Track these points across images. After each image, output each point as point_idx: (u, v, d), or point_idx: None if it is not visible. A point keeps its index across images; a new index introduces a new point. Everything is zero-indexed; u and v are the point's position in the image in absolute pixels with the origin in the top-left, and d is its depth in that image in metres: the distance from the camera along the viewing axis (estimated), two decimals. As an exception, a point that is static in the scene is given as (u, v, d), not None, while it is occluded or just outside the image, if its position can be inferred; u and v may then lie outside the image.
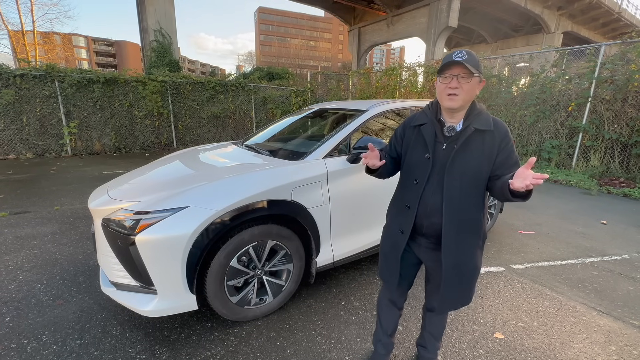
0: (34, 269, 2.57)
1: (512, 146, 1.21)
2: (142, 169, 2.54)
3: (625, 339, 1.93)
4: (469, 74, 1.14)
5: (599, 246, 3.28)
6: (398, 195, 1.42)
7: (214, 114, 9.66)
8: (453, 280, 1.29)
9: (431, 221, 1.26)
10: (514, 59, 8.22)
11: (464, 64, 1.13)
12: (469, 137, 1.19)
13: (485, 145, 1.19)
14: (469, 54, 1.16)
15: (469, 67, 1.13)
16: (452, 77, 1.17)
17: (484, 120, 1.20)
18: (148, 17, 13.39)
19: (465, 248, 1.26)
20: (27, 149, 7.48)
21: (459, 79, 1.16)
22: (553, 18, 23.98)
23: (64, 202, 4.29)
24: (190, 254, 1.66)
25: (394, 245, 1.38)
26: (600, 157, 6.22)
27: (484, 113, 1.23)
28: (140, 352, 1.73)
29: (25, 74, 7.12)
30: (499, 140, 1.19)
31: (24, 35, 21.36)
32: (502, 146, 1.19)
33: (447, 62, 1.16)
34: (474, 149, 1.19)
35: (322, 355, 1.74)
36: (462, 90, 1.16)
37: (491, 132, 1.19)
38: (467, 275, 1.30)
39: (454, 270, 1.27)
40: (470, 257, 1.28)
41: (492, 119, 1.22)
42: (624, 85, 5.74)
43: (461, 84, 1.15)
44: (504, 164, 1.19)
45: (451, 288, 1.31)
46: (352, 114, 2.64)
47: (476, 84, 1.17)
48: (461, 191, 1.21)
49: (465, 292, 1.34)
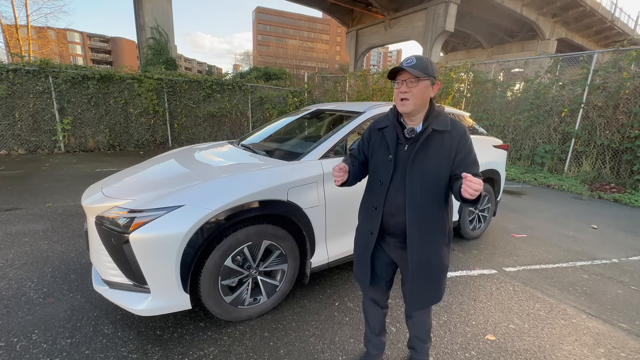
0: (24, 267, 2.54)
1: (470, 145, 1.28)
2: (137, 167, 2.52)
3: (613, 341, 1.96)
4: (416, 78, 1.21)
5: (589, 250, 3.33)
6: (366, 197, 1.47)
7: (210, 113, 9.61)
8: (420, 278, 1.33)
9: (397, 220, 1.31)
10: (509, 64, 8.33)
11: (407, 69, 1.20)
12: (428, 138, 1.25)
13: (445, 145, 1.25)
14: (418, 59, 1.23)
15: (414, 72, 1.19)
16: (401, 82, 1.25)
17: (442, 122, 1.26)
18: (145, 14, 13.29)
19: (430, 246, 1.30)
20: (19, 145, 7.37)
21: (407, 84, 1.23)
22: (548, 25, 24.35)
23: (56, 199, 4.24)
24: (184, 253, 1.65)
25: (365, 246, 1.43)
26: (591, 163, 6.32)
27: (442, 115, 1.29)
28: (132, 352, 1.72)
29: (18, 68, 7.02)
30: (457, 140, 1.25)
31: (18, 29, 21.08)
32: (460, 145, 1.25)
33: (394, 69, 1.24)
34: (433, 149, 1.25)
35: (315, 356, 1.74)
36: (412, 94, 1.23)
37: (449, 132, 1.25)
38: (435, 272, 1.34)
39: (420, 267, 1.31)
40: (436, 255, 1.32)
41: (450, 120, 1.28)
42: (616, 93, 5.85)
43: (410, 88, 1.23)
44: (462, 162, 1.25)
45: (419, 286, 1.34)
46: (348, 115, 2.65)
47: (426, 86, 1.24)
48: (422, 190, 1.26)
49: (433, 289, 1.36)
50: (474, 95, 8.23)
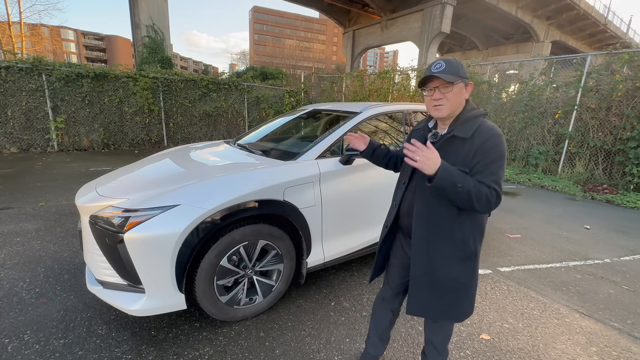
0: (16, 267, 2.50)
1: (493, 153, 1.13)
2: (132, 166, 2.50)
3: (605, 340, 1.99)
4: (449, 83, 1.17)
5: (582, 250, 3.37)
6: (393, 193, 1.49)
7: (206, 113, 9.56)
8: (422, 283, 1.28)
9: (409, 221, 1.31)
10: (504, 66, 8.39)
11: (439, 76, 1.15)
12: (446, 143, 1.21)
13: (462, 151, 1.17)
14: (447, 62, 1.19)
15: (447, 78, 1.15)
16: (434, 89, 1.20)
17: (466, 128, 1.18)
18: (140, 12, 13.19)
19: (438, 255, 1.24)
20: (12, 143, 7.27)
21: (440, 90, 1.18)
22: (542, 27, 24.62)
23: (49, 198, 4.19)
24: (180, 252, 1.64)
25: (380, 239, 1.48)
26: (585, 164, 6.40)
27: (471, 121, 1.19)
28: (126, 352, 1.70)
29: (10, 66, 6.92)
30: (477, 147, 1.14)
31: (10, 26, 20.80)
32: (480, 152, 1.14)
33: (426, 77, 1.19)
34: (450, 155, 1.17)
35: (311, 356, 1.74)
36: (447, 99, 1.18)
37: (470, 140, 1.16)
38: (443, 285, 1.26)
39: (423, 273, 1.27)
40: (446, 267, 1.24)
41: (480, 127, 1.17)
42: (609, 95, 5.93)
43: (444, 94, 1.18)
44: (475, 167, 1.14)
45: (419, 290, 1.30)
46: (345, 115, 2.66)
47: (460, 89, 1.19)
48: (432, 195, 1.21)
49: (443, 303, 1.29)
50: (469, 96, 8.28)
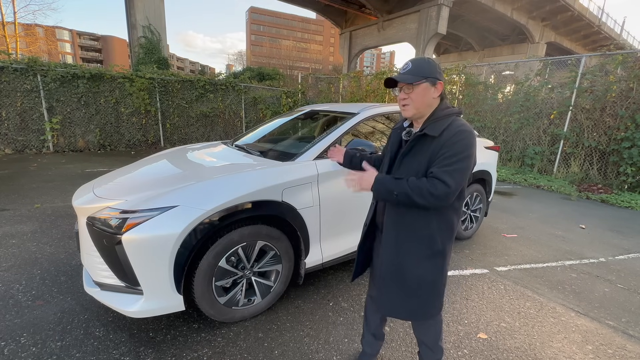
0: (12, 269, 2.48)
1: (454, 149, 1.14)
2: (129, 168, 2.49)
3: (601, 338, 2.01)
4: (409, 84, 1.21)
5: (577, 249, 3.40)
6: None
7: (203, 113, 9.54)
8: (389, 280, 1.31)
9: (383, 218, 1.34)
10: (500, 67, 8.46)
11: (394, 78, 1.22)
12: (415, 141, 1.24)
13: (430, 149, 1.19)
14: (414, 62, 1.23)
15: (405, 80, 1.20)
16: (399, 89, 1.27)
17: (437, 127, 1.19)
18: (137, 13, 13.10)
19: (407, 253, 1.26)
20: (6, 144, 7.20)
21: (404, 90, 1.24)
22: (537, 29, 24.83)
23: (45, 199, 4.15)
24: (178, 254, 1.64)
25: (361, 236, 1.50)
26: (580, 164, 6.46)
27: (443, 120, 1.20)
28: (124, 354, 1.69)
29: (5, 66, 6.86)
30: (442, 143, 1.16)
31: (5, 26, 20.61)
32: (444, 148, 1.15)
33: (386, 79, 1.25)
34: (419, 153, 1.22)
35: (309, 356, 1.74)
36: (411, 99, 1.23)
37: (438, 138, 1.17)
38: (410, 283, 1.27)
39: (391, 270, 1.29)
40: (413, 265, 1.25)
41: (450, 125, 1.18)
42: (603, 96, 5.99)
43: (408, 94, 1.23)
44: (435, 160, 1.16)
45: (387, 287, 1.32)
46: (343, 116, 2.67)
47: (424, 89, 1.20)
48: None
49: (411, 301, 1.30)
50: (465, 97, 8.34)
